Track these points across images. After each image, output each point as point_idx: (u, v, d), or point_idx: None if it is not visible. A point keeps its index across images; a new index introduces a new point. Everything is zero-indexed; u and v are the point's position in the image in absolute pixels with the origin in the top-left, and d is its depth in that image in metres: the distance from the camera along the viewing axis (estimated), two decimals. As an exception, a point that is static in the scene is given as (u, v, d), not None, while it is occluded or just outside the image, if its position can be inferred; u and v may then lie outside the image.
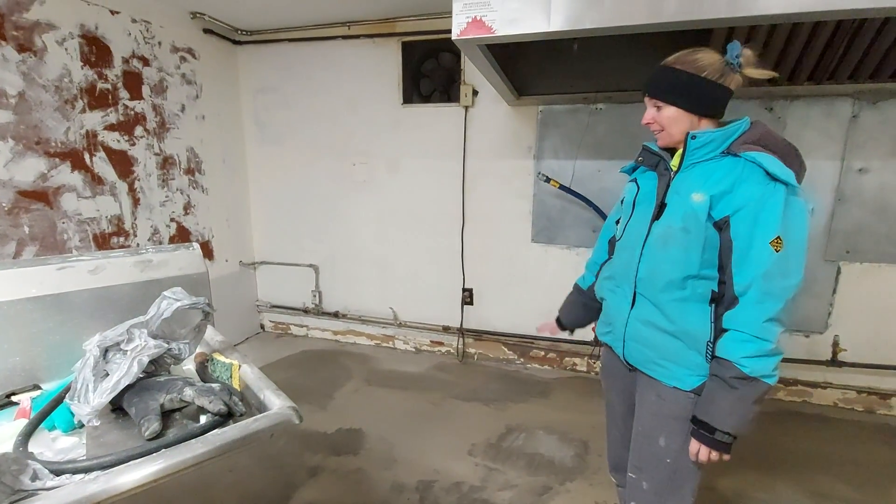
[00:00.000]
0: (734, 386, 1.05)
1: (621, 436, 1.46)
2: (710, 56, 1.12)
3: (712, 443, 1.09)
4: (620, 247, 1.30)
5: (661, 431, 1.20)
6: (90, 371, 0.86)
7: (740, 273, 1.06)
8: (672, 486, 1.21)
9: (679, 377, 1.16)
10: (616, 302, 1.29)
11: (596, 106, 2.82)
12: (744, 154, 1.07)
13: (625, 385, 1.37)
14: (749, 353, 1.03)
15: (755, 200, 1.03)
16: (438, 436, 2.43)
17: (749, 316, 1.04)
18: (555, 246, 3.03)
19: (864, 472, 2.16)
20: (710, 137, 1.11)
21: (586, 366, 3.13)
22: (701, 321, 1.12)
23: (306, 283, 3.61)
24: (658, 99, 1.16)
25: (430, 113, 3.12)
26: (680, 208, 1.13)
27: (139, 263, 1.24)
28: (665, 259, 1.14)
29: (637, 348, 1.23)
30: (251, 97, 3.46)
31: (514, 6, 1.60)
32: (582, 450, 2.33)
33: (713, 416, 1.08)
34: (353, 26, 3.13)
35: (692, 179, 1.13)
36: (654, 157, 1.24)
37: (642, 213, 1.23)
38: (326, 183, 3.43)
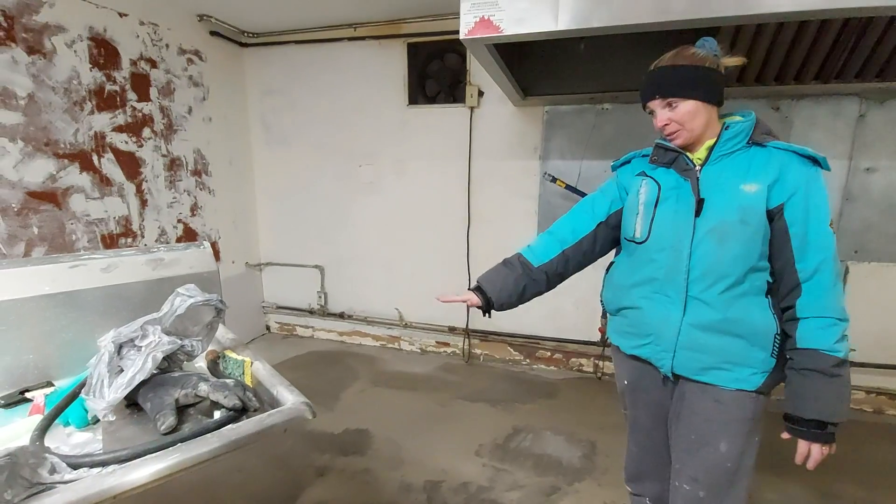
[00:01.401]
0: (836, 374, 1.03)
1: (640, 450, 1.42)
2: (699, 50, 1.14)
3: (826, 438, 1.07)
4: (652, 249, 1.20)
5: (721, 437, 1.16)
6: (105, 367, 0.86)
7: (804, 259, 1.05)
8: (731, 490, 1.18)
9: (743, 378, 1.12)
10: (659, 310, 1.20)
11: (602, 106, 2.82)
12: (770, 143, 1.09)
13: (657, 399, 1.31)
14: (838, 336, 1.03)
15: (804, 184, 1.05)
16: (445, 436, 2.42)
17: (828, 300, 1.04)
18: (561, 246, 3.02)
19: (874, 472, 2.15)
20: (741, 127, 1.11)
21: (592, 367, 3.12)
22: (764, 315, 1.10)
23: (312, 285, 3.61)
24: (673, 96, 1.12)
25: (436, 114, 3.12)
26: (731, 201, 1.09)
27: (151, 262, 1.25)
28: (724, 255, 1.10)
29: (692, 356, 1.16)
30: (258, 99, 3.47)
31: (522, 6, 1.60)
32: (590, 450, 2.32)
33: (821, 411, 1.05)
34: (358, 28, 3.14)
35: (731, 171, 1.11)
36: (670, 154, 1.20)
37: (675, 211, 1.17)
38: (332, 184, 3.44)
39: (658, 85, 1.15)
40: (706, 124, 1.13)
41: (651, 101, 1.17)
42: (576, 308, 3.07)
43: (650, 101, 1.17)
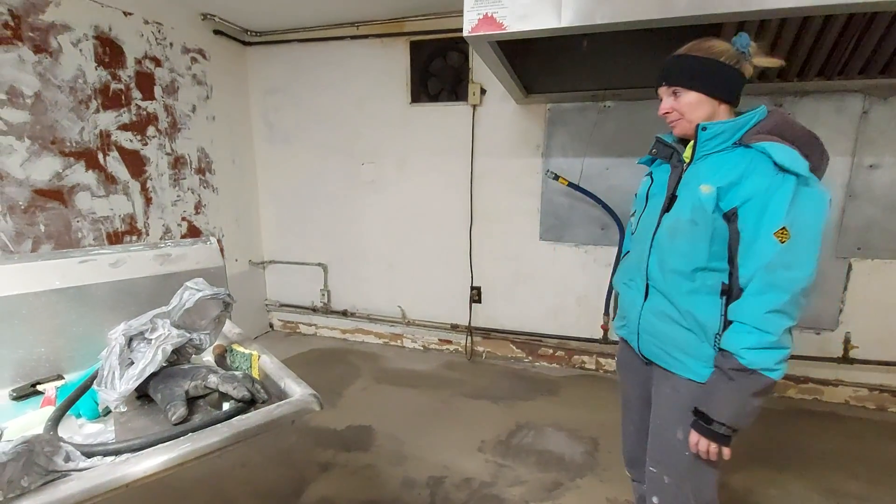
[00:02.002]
0: (732, 377, 1.05)
1: (636, 430, 1.45)
2: (723, 43, 1.13)
3: (710, 434, 1.09)
4: (634, 240, 1.30)
5: (678, 424, 1.19)
6: (116, 359, 0.88)
7: (745, 265, 1.06)
8: (693, 479, 1.20)
9: (693, 369, 1.16)
10: (630, 295, 1.30)
11: (605, 104, 2.83)
12: (755, 144, 1.06)
13: (641, 378, 1.36)
14: (749, 345, 1.02)
15: (763, 191, 1.02)
16: (448, 433, 2.44)
17: (751, 307, 1.04)
18: (563, 244, 3.04)
19: (877, 469, 2.15)
20: (720, 128, 1.10)
21: (595, 364, 3.13)
22: (710, 313, 1.11)
23: (315, 283, 3.63)
24: (677, 85, 1.15)
25: (439, 112, 3.13)
26: (689, 200, 1.12)
27: (158, 257, 1.26)
28: (673, 251, 1.15)
29: (651, 341, 1.24)
30: (261, 97, 3.49)
31: (525, 2, 1.61)
32: (592, 447, 2.33)
33: (711, 406, 1.09)
34: (361, 26, 3.16)
35: (702, 171, 1.13)
36: (667, 148, 1.24)
37: (654, 206, 1.24)
38: (335, 182, 3.46)
39: (667, 72, 1.18)
40: (708, 118, 1.14)
41: (659, 87, 1.20)
42: (578, 306, 3.08)
43: (659, 88, 1.20)
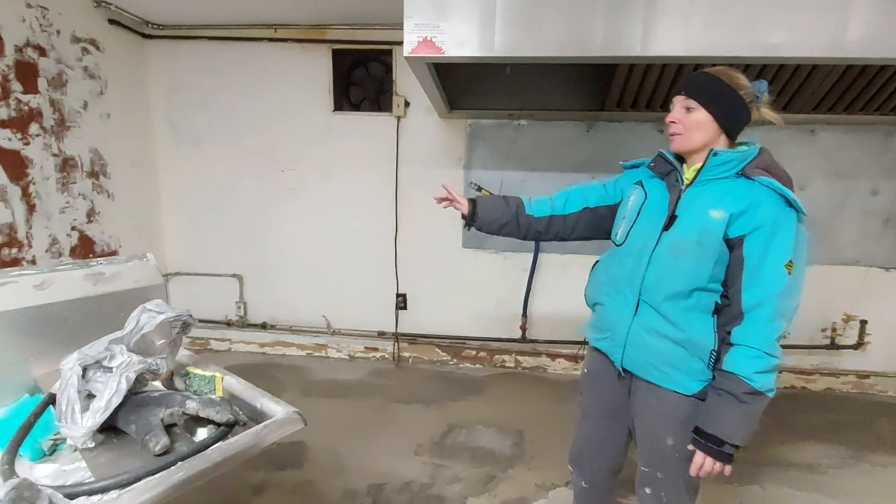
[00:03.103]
0: (745, 401, 1.08)
1: (587, 436, 1.51)
2: (746, 81, 1.17)
3: (720, 455, 1.12)
4: (623, 252, 1.29)
5: (667, 433, 1.24)
6: (74, 391, 0.81)
7: (750, 290, 1.10)
8: (685, 474, 1.24)
9: (680, 383, 1.20)
10: (616, 308, 1.29)
11: (519, 122, 3.07)
12: (758, 178, 1.11)
13: (611, 391, 1.39)
14: (760, 369, 1.07)
15: (771, 222, 1.08)
16: (383, 439, 2.47)
17: (761, 333, 1.09)
18: (484, 251, 3.23)
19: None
20: (730, 156, 1.14)
21: (514, 362, 3.36)
22: (705, 331, 1.16)
23: (229, 294, 3.41)
24: (695, 100, 1.16)
25: (363, 121, 3.15)
26: (695, 222, 1.15)
27: (90, 276, 1.16)
28: (675, 269, 1.17)
29: (637, 355, 1.25)
30: (164, 95, 3.20)
31: (462, 30, 1.73)
32: (518, 439, 2.52)
33: (722, 429, 1.11)
34: (279, 29, 3.06)
35: (707, 195, 1.16)
36: (667, 165, 1.26)
37: (650, 222, 1.24)
38: (252, 189, 3.29)
39: (690, 85, 1.19)
40: (706, 142, 1.17)
41: (677, 94, 1.21)
42: (498, 308, 3.29)
43: (676, 95, 1.21)
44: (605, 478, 1.53)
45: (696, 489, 1.31)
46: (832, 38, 1.65)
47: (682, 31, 1.69)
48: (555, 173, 3.07)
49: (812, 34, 1.66)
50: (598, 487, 1.55)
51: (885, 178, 2.96)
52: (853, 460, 2.42)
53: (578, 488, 1.60)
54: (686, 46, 1.71)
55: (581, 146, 3.04)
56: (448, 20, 1.71)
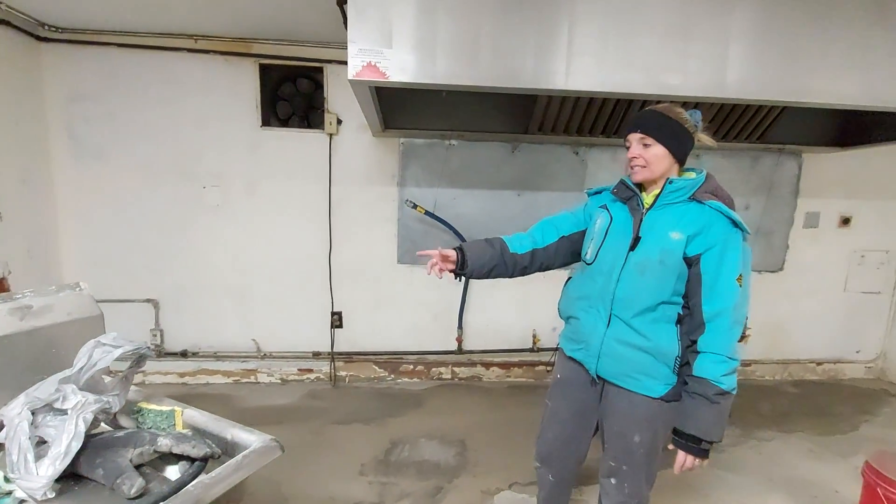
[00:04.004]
0: (716, 401, 1.23)
1: (555, 437, 1.63)
2: (685, 113, 1.36)
3: (699, 452, 1.28)
4: (594, 271, 1.43)
5: (634, 431, 1.39)
6: (25, 439, 0.74)
7: (709, 303, 1.25)
8: (647, 468, 1.44)
9: (649, 387, 1.35)
10: (590, 321, 1.43)
11: (450, 142, 3.21)
12: (708, 202, 1.28)
13: (583, 396, 1.52)
14: (725, 372, 1.23)
15: (722, 242, 1.24)
16: (326, 463, 2.41)
17: (723, 340, 1.24)
18: (420, 266, 3.29)
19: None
20: (683, 184, 1.32)
21: (451, 373, 3.45)
22: (670, 339, 1.31)
23: (143, 322, 3.11)
24: (651, 136, 1.31)
25: (294, 138, 3.09)
26: (657, 243, 1.30)
27: (16, 311, 1.04)
28: (642, 286, 1.31)
29: (611, 363, 1.39)
30: (62, 105, 2.89)
31: (405, 57, 1.81)
32: (461, 448, 2.60)
33: (700, 429, 1.26)
34: (200, 40, 2.92)
35: (666, 219, 1.32)
36: (628, 191, 1.41)
37: (617, 243, 1.39)
38: (169, 207, 3.06)
39: (644, 123, 1.34)
40: (665, 172, 1.34)
41: (632, 133, 1.35)
42: (434, 321, 3.37)
43: (631, 134, 1.36)
44: (572, 470, 1.68)
45: (654, 480, 1.50)
46: (715, 81, 1.99)
47: (597, 70, 1.93)
48: (484, 190, 3.24)
49: (700, 77, 1.99)
50: (565, 479, 1.71)
51: (754, 195, 3.51)
52: (744, 438, 2.82)
53: (545, 482, 1.73)
54: (601, 83, 1.95)
55: (507, 166, 3.24)
56: (391, 47, 1.78)
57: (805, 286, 3.65)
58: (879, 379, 3.81)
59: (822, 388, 3.61)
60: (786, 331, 3.72)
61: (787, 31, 1.99)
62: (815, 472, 2.48)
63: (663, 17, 1.93)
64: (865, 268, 3.70)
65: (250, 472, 0.82)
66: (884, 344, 3.81)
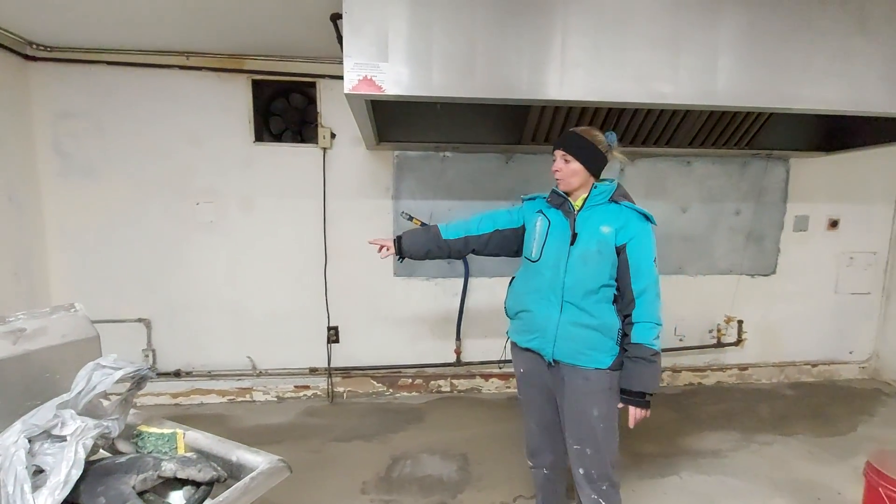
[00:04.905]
0: (652, 360, 1.52)
1: (537, 425, 1.81)
2: (601, 135, 1.66)
3: (643, 404, 1.56)
4: (542, 266, 1.65)
5: (592, 405, 1.59)
6: (22, 468, 0.71)
7: (636, 281, 1.55)
8: (606, 444, 1.62)
9: (599, 360, 1.58)
10: (544, 311, 1.64)
11: (444, 154, 3.22)
12: (623, 203, 1.61)
13: (544, 381, 1.72)
14: (654, 335, 1.54)
15: (639, 233, 1.56)
16: (327, 482, 2.36)
17: (650, 310, 1.55)
18: (416, 278, 3.28)
19: (656, 430, 2.91)
20: (604, 189, 1.63)
21: (450, 386, 3.41)
22: (612, 316, 1.59)
23: (134, 342, 3.04)
24: (570, 154, 1.61)
25: (287, 153, 3.08)
26: (592, 236, 1.57)
27: (8, 335, 1.01)
28: (586, 273, 1.57)
29: (566, 345, 1.60)
30: (50, 122, 2.85)
31: (400, 70, 1.82)
32: (463, 462, 2.56)
33: (643, 384, 1.54)
34: (192, 57, 2.91)
35: (596, 217, 1.60)
36: (560, 198, 1.68)
37: (558, 241, 1.63)
38: (161, 224, 3.02)
39: (566, 142, 1.64)
40: (581, 183, 1.63)
41: (557, 150, 1.65)
42: (432, 334, 3.34)
43: (556, 150, 1.65)
44: (562, 457, 1.80)
45: (617, 463, 1.66)
46: (705, 89, 2.03)
47: (590, 80, 1.95)
48: (480, 201, 3.24)
49: (691, 86, 2.02)
50: (559, 469, 1.86)
51: (744, 201, 3.56)
52: (745, 442, 2.81)
53: (540, 477, 1.88)
54: (594, 92, 1.97)
55: (502, 176, 3.26)
56: (387, 61, 1.78)
57: (797, 289, 3.70)
58: (874, 379, 3.85)
59: (818, 390, 3.63)
60: (780, 333, 3.75)
61: (773, 41, 2.04)
62: (817, 474, 2.48)
63: (653, 29, 1.97)
64: (854, 269, 3.76)
65: (258, 494, 0.79)
66: (875, 344, 3.86)
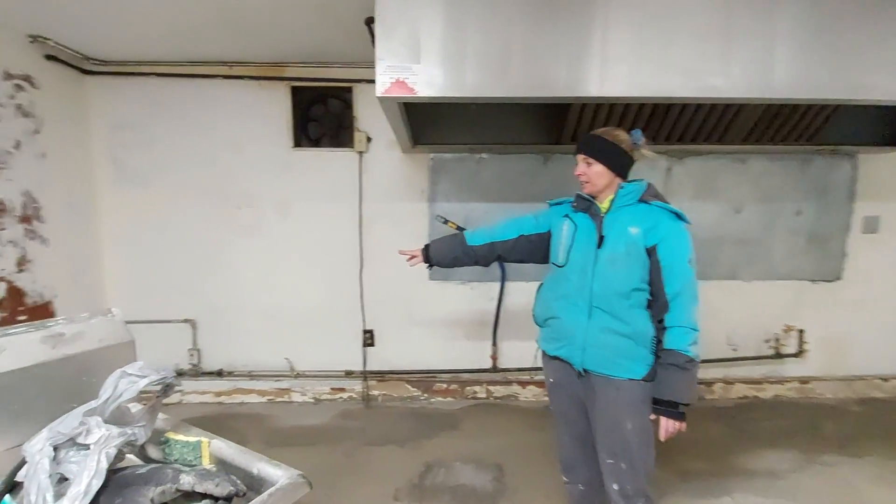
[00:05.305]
0: (686, 368, 1.41)
1: (571, 438, 1.73)
2: (624, 134, 1.59)
3: (677, 416, 1.43)
4: (569, 271, 1.58)
5: (625, 417, 1.49)
6: (45, 477, 0.72)
7: (669, 284, 1.45)
8: (642, 459, 1.52)
9: (632, 369, 1.48)
10: (572, 317, 1.56)
11: (480, 155, 3.16)
12: (653, 202, 1.53)
13: (575, 390, 1.64)
14: (690, 341, 1.42)
15: (671, 233, 1.47)
16: (360, 487, 2.35)
17: (686, 314, 1.44)
18: (451, 282, 3.23)
19: (707, 446, 2.72)
20: (632, 188, 1.55)
21: (486, 392, 3.34)
22: (645, 322, 1.48)
23: (181, 342, 3.17)
24: (592, 157, 1.55)
25: (324, 157, 3.12)
26: (621, 239, 1.49)
27: (49, 339, 1.04)
28: (615, 276, 1.48)
29: (596, 352, 1.51)
30: (106, 133, 3.02)
31: (433, 72, 1.78)
32: (498, 473, 2.48)
33: (674, 394, 1.42)
34: (235, 66, 3.00)
35: (623, 218, 1.52)
36: (585, 202, 1.62)
37: (585, 244, 1.56)
38: (204, 228, 3.13)
39: (586, 146, 1.58)
40: (607, 184, 1.57)
41: (578, 153, 1.60)
42: (467, 339, 3.29)
43: (577, 154, 1.60)
44: (597, 470, 1.67)
45: (652, 474, 1.57)
46: (761, 81, 1.88)
47: (633, 75, 1.85)
48: (517, 204, 3.16)
49: (744, 78, 1.88)
50: (595, 485, 1.73)
51: (805, 200, 3.29)
52: (807, 463, 2.58)
53: (576, 494, 1.79)
54: (637, 88, 1.87)
55: (540, 178, 3.16)
56: (420, 62, 1.75)
57: (866, 296, 3.37)
58: (958, 397, 3.46)
59: (891, 407, 3.30)
60: (847, 345, 3.44)
61: (837, 27, 1.86)
62: (891, 501, 2.24)
63: (703, 17, 1.84)
64: (934, 275, 3.39)
65: (279, 511, 0.76)
66: (961, 359, 3.47)
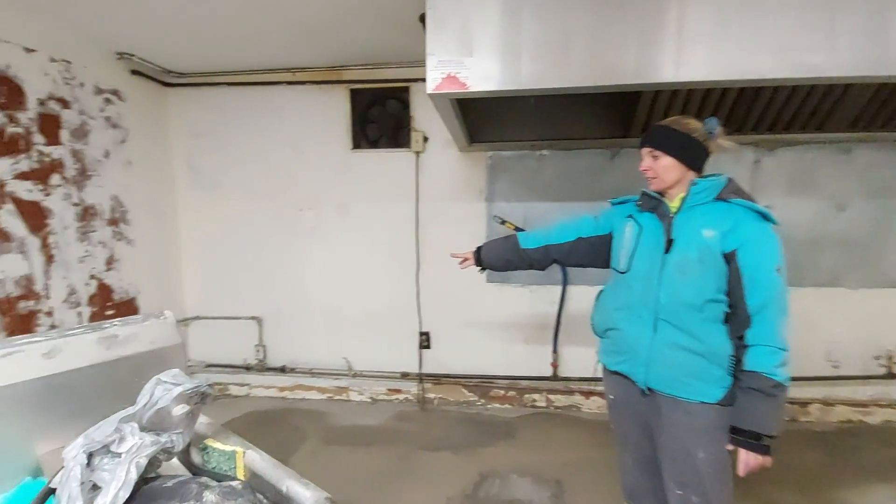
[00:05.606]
0: (772, 394, 1.19)
1: (635, 462, 1.54)
2: (696, 123, 1.37)
3: (759, 448, 1.22)
4: (632, 278, 1.40)
5: (697, 445, 1.30)
6: (76, 485, 0.71)
7: (752, 295, 1.23)
8: (716, 493, 1.31)
9: (705, 392, 1.28)
10: (634, 330, 1.38)
11: (541, 153, 3.00)
12: (733, 200, 1.30)
13: (638, 411, 1.45)
14: (778, 363, 1.21)
15: (755, 236, 1.25)
16: (412, 493, 2.31)
17: (772, 331, 1.22)
18: (509, 285, 3.11)
19: (801, 476, 2.39)
20: (707, 185, 1.33)
21: (546, 401, 3.18)
22: (722, 338, 1.27)
23: (248, 338, 3.33)
24: (658, 149, 1.36)
25: (382, 158, 3.12)
26: (692, 242, 1.29)
27: (103, 340, 1.07)
28: (685, 285, 1.29)
29: (661, 371, 1.33)
30: (184, 141, 3.23)
31: (487, 65, 1.68)
32: (557, 489, 2.33)
33: (756, 423, 1.22)
34: (297, 73, 3.08)
35: (696, 219, 1.32)
36: (652, 200, 1.42)
37: (650, 248, 1.38)
38: (269, 229, 3.25)
39: (651, 138, 1.40)
40: (678, 180, 1.36)
41: (643, 147, 1.42)
42: (526, 345, 3.14)
43: (642, 148, 1.42)
44: (663, 499, 1.48)
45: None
46: (870, 57, 1.59)
47: (714, 56, 1.64)
48: (580, 203, 2.96)
49: (850, 53, 1.60)
50: None
51: (927, 195, 2.79)
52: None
53: None
54: (719, 71, 1.65)
55: (606, 174, 2.94)
56: (472, 55, 1.66)
57: None
58: None
59: None
60: None
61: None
62: None
63: (799, -17, 1.58)
64: None
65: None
66: None
